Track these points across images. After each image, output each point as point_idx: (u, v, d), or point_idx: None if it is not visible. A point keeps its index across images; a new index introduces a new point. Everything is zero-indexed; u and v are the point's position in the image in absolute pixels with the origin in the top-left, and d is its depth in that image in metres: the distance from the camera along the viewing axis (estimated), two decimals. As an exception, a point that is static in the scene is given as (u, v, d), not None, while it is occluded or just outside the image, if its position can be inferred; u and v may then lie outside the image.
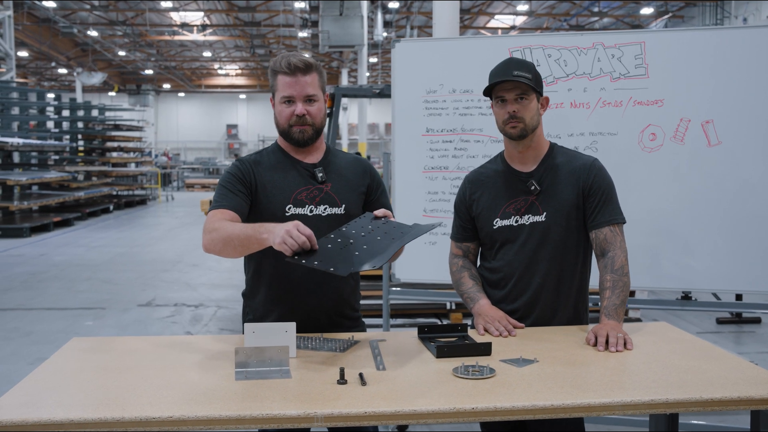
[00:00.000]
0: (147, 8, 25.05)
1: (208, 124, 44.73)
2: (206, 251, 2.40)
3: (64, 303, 7.93)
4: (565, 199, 2.58)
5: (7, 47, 19.14)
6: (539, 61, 3.82)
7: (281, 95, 2.47)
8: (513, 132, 2.55)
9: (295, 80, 2.45)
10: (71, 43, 29.67)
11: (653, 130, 3.72)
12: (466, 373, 2.00)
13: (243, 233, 2.28)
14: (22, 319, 7.23)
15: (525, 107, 2.53)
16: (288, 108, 2.47)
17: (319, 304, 2.52)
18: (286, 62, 2.44)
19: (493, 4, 26.36)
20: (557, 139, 3.80)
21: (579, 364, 2.11)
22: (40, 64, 33.94)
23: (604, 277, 2.50)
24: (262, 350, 2.06)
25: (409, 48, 4.09)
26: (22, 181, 13.83)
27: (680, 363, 2.12)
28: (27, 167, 16.62)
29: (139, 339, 2.46)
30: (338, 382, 1.94)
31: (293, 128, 2.49)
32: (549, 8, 26.29)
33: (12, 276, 9.53)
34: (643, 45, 3.70)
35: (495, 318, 2.51)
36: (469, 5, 25.92)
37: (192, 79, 41.52)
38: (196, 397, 1.83)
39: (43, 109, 18.07)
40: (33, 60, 32.73)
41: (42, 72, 36.33)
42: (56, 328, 6.84)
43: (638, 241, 3.75)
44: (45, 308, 7.69)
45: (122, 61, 34.17)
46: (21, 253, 11.55)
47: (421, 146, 4.04)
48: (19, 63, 32.89)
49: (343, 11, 21.11)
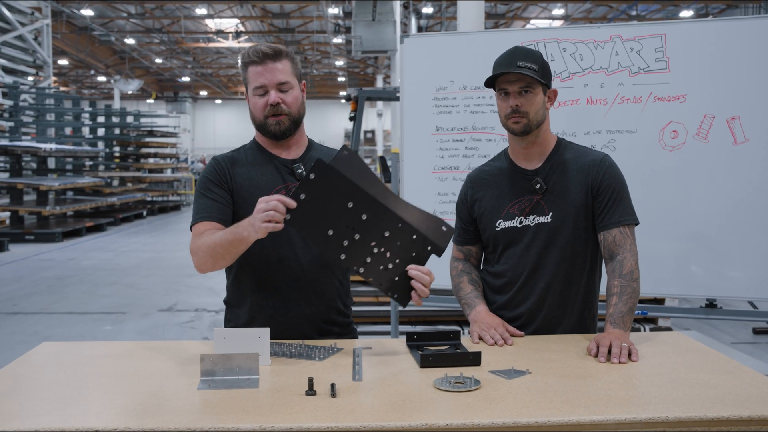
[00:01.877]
0: (182, 15, 25.25)
1: (245, 131, 44.67)
2: (201, 272, 2.30)
3: (86, 307, 7.90)
4: (573, 199, 2.39)
5: (45, 55, 19.47)
6: (554, 55, 3.63)
7: (253, 86, 2.33)
8: (516, 127, 2.37)
9: (265, 68, 2.31)
10: (109, 51, 30.08)
11: (675, 128, 3.51)
12: (447, 385, 1.83)
13: (223, 240, 2.16)
14: (43, 322, 7.21)
15: (529, 101, 2.35)
16: (261, 99, 2.33)
17: (302, 311, 2.37)
18: (254, 51, 2.31)
19: (529, 8, 26.04)
20: (573, 137, 3.61)
21: (575, 377, 1.92)
22: (80, 72, 34.47)
23: (611, 283, 2.31)
24: (229, 357, 1.92)
25: (419, 44, 3.94)
26: (54, 187, 13.94)
27: (688, 376, 1.92)
28: (62, 173, 16.80)
29: (115, 344, 2.33)
30: (307, 393, 1.78)
31: (268, 119, 2.33)
32: (585, 12, 25.87)
33: (39, 280, 9.56)
34: (663, 37, 3.49)
35: (491, 325, 2.33)
36: (504, 10, 25.66)
37: (228, 86, 41.79)
38: (149, 407, 1.69)
39: (78, 115, 18.26)
40: (73, 68, 33.25)
41: (82, 80, 36.91)
42: (74, 333, 6.80)
43: (662, 245, 3.55)
44: (66, 312, 7.66)
45: (159, 68, 34.53)
46: (51, 257, 11.62)
47: (431, 146, 3.88)
48: (60, 71, 33.52)
49: (376, 16, 20.98)
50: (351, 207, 1.98)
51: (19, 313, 7.57)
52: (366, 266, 2.06)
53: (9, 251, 12.15)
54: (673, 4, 24.16)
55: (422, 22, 24.99)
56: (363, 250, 2.05)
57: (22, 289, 8.93)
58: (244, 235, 2.09)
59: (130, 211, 18.30)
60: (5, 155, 14.08)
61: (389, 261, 2.08)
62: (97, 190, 17.64)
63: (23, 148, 13.48)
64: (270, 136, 2.37)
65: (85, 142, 18.57)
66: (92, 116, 19.66)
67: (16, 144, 13.58)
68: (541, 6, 25.54)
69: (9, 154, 13.90)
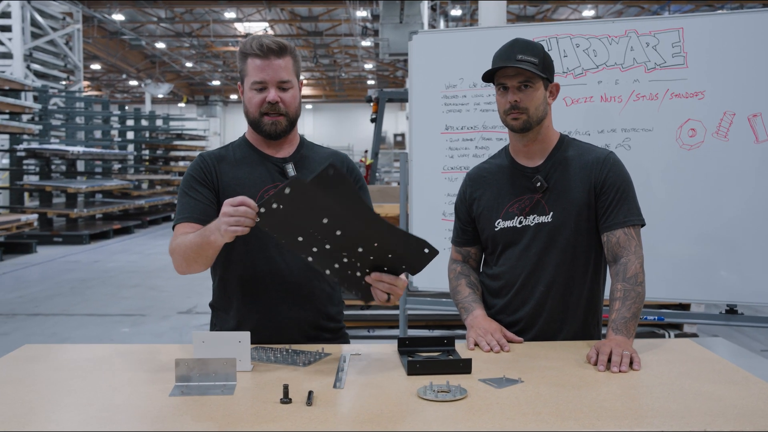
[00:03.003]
0: (211, 19, 25.39)
1: (275, 134, 45.01)
2: (181, 274, 2.22)
3: (107, 309, 7.90)
4: (575, 197, 2.27)
5: (76, 59, 19.69)
6: (566, 51, 3.51)
7: (252, 80, 2.22)
8: (515, 124, 2.26)
9: (268, 63, 2.20)
10: (141, 55, 30.36)
11: (693, 125, 3.36)
12: (431, 394, 1.73)
13: (193, 244, 2.08)
14: (63, 324, 7.22)
15: (529, 96, 2.23)
16: (259, 95, 2.23)
17: (290, 316, 2.28)
18: (258, 43, 2.20)
19: (559, 10, 25.78)
20: (586, 136, 3.48)
21: (570, 387, 1.80)
22: (112, 76, 34.83)
23: (614, 287, 2.18)
24: (205, 362, 1.83)
25: (428, 40, 3.83)
26: (82, 189, 14.05)
27: (692, 387, 1.80)
28: (91, 176, 16.95)
29: (98, 347, 2.26)
30: (281, 401, 1.69)
31: (264, 118, 2.24)
32: (616, 14, 25.52)
33: (62, 282, 9.60)
34: (681, 32, 3.35)
35: (488, 330, 2.21)
36: (534, 11, 25.43)
37: (259, 90, 41.98)
38: (113, 415, 1.61)
39: (107, 119, 18.42)
40: (105, 72, 33.61)
41: (114, 84, 37.32)
42: (93, 335, 6.79)
43: (679, 248, 3.41)
44: (87, 314, 7.67)
45: (190, 72, 34.77)
46: (77, 259, 11.69)
47: (440, 145, 3.77)
48: (93, 75, 33.93)
49: (403, 19, 20.90)
50: (326, 223, 1.89)
51: (40, 315, 7.60)
52: (333, 270, 1.98)
53: (37, 253, 12.25)
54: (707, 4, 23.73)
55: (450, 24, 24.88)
56: (333, 258, 1.96)
57: (46, 290, 8.97)
58: (211, 239, 2.01)
59: (158, 213, 18.40)
60: (34, 158, 14.23)
61: (358, 270, 1.99)
62: (125, 193, 17.78)
63: (52, 151, 13.60)
64: (264, 135, 2.28)
65: (113, 145, 18.72)
66: (121, 120, 19.84)
67: (44, 147, 13.71)
68: (571, 7, 25.28)
69: (38, 157, 14.04)
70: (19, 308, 7.91)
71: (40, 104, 14.73)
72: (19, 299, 8.44)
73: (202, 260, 2.12)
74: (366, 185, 2.44)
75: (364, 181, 2.44)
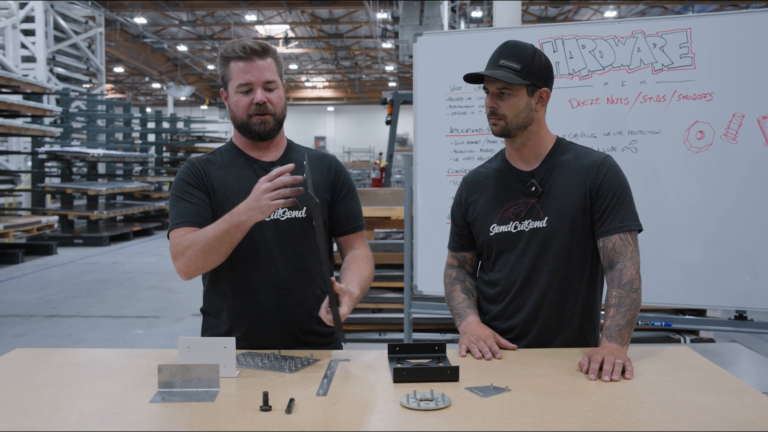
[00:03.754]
0: (233, 22, 25.53)
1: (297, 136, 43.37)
2: (187, 276, 2.20)
3: (122, 311, 7.95)
4: (570, 202, 2.23)
5: (98, 62, 19.90)
6: (572, 52, 3.46)
7: (237, 83, 2.20)
8: (494, 129, 2.24)
9: (252, 65, 2.19)
10: (163, 58, 30.61)
11: (701, 128, 3.30)
12: (414, 402, 1.69)
13: (220, 232, 2.07)
14: (78, 326, 7.27)
15: (507, 103, 2.20)
16: (246, 97, 2.21)
17: (282, 321, 2.26)
18: (240, 46, 2.19)
19: (581, 11, 25.60)
20: (592, 138, 3.43)
21: (557, 396, 1.76)
22: (136, 79, 35.16)
23: (609, 293, 2.14)
24: (188, 368, 1.82)
25: (432, 42, 3.80)
26: (102, 191, 14.17)
27: (683, 397, 1.75)
28: (112, 178, 17.10)
29: (90, 351, 2.25)
30: (261, 409, 1.67)
31: (252, 119, 2.22)
32: (639, 14, 25.27)
33: (80, 283, 9.68)
34: (689, 32, 3.29)
35: (480, 337, 2.17)
36: (555, 13, 25.28)
37: (280, 93, 42.15)
38: (88, 420, 1.59)
39: (128, 121, 18.58)
40: (129, 75, 33.93)
41: (137, 87, 37.67)
42: (106, 336, 6.83)
43: (687, 252, 3.34)
44: (102, 316, 7.72)
45: (212, 74, 34.98)
46: (96, 261, 11.78)
47: (445, 147, 3.73)
48: (116, 78, 34.28)
49: (423, 20, 20.85)
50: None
51: (57, 316, 7.66)
52: None
53: (57, 255, 12.37)
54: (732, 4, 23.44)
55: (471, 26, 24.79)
56: None
57: (63, 292, 9.05)
58: (242, 220, 2.02)
59: (178, 215, 18.48)
60: (56, 160, 14.37)
61: None
62: (146, 195, 17.91)
63: (72, 154, 13.73)
64: (253, 136, 2.26)
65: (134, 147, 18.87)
66: (142, 122, 19.99)
67: (65, 150, 13.85)
68: (593, 8, 25.09)
69: (59, 160, 14.18)
70: (36, 309, 7.98)
71: (62, 107, 14.88)
72: (37, 300, 8.52)
73: (225, 249, 2.10)
74: (355, 189, 2.42)
75: (352, 184, 2.42)
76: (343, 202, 2.36)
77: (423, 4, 20.46)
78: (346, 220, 2.39)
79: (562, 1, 23.95)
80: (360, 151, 40.05)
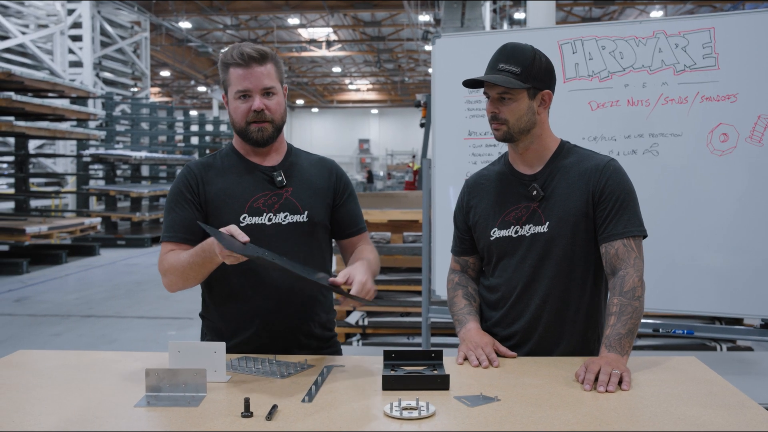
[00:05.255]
0: (276, 26, 25.75)
1: (341, 139, 45.37)
2: (172, 291, 2.26)
3: (157, 312, 8.06)
4: (572, 207, 2.17)
5: (143, 67, 20.25)
6: (592, 54, 3.39)
7: (235, 89, 2.20)
8: (496, 134, 2.19)
9: (250, 71, 2.18)
10: (208, 61, 30.99)
11: (725, 130, 3.20)
12: (397, 411, 1.66)
13: (193, 264, 2.11)
14: (113, 326, 7.38)
15: (508, 108, 2.15)
16: (244, 103, 2.21)
17: (284, 326, 2.26)
18: (238, 52, 2.18)
19: (626, 11, 25.21)
20: (612, 141, 3.36)
21: (546, 407, 1.71)
22: (182, 83, 35.70)
23: (611, 301, 2.07)
24: (175, 373, 1.81)
25: (451, 44, 3.76)
26: (144, 193, 14.42)
27: (678, 411, 1.68)
28: (155, 180, 17.38)
29: (88, 353, 2.27)
30: (242, 415, 1.65)
31: (251, 126, 2.22)
32: (686, 14, 24.82)
33: (119, 284, 9.85)
34: (712, 32, 3.20)
35: (479, 344, 2.13)
36: (599, 13, 24.94)
37: (324, 95, 42.37)
38: (67, 424, 1.60)
39: (171, 124, 18.88)
40: (175, 79, 34.47)
41: (184, 90, 38.22)
42: (140, 337, 6.92)
43: (710, 259, 3.25)
44: (137, 317, 7.83)
45: (257, 78, 35.31)
46: (136, 262, 11.98)
47: (463, 151, 3.69)
48: (163, 82, 34.84)
49: (465, 23, 20.74)
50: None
51: (93, 316, 7.80)
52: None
53: (100, 256, 12.62)
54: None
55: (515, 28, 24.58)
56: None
57: (102, 293, 9.22)
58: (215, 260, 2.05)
59: (221, 217, 18.69)
60: (100, 163, 14.66)
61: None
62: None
63: (115, 156, 14.00)
64: (251, 143, 2.26)
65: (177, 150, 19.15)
66: (186, 125, 20.28)
67: (109, 152, 14.13)
68: (639, 8, 24.69)
69: (103, 162, 14.47)
70: (74, 309, 8.13)
71: (106, 111, 15.18)
72: (76, 301, 8.69)
73: (201, 277, 2.16)
74: (354, 192, 2.41)
75: (352, 188, 2.43)
76: (346, 205, 2.37)
77: (464, 5, 20.33)
78: (349, 223, 2.38)
79: (607, 1, 23.60)
80: (403, 154, 40.07)
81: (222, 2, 22.20)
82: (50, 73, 15.95)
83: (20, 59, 15.97)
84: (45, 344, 6.56)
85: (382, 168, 40.27)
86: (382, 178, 32.23)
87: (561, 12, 24.96)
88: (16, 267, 10.56)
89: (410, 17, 23.78)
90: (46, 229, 10.89)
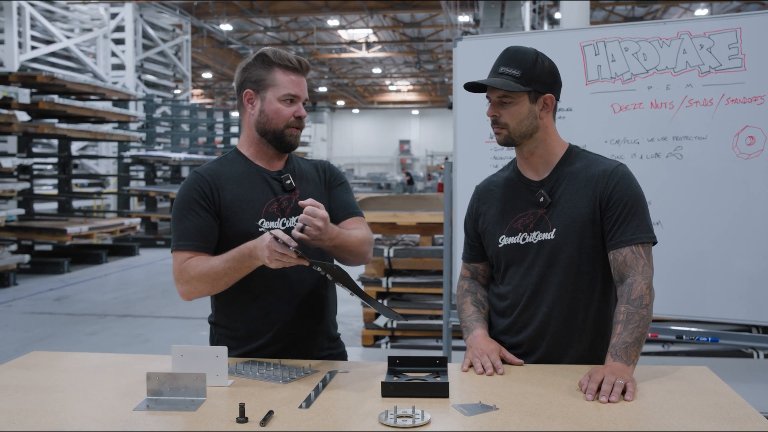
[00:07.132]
0: (316, 27, 25.90)
1: (382, 140, 45.46)
2: (188, 300, 2.24)
3: (191, 312, 8.15)
4: (579, 213, 2.13)
5: (184, 69, 20.53)
6: (614, 56, 3.33)
7: (284, 92, 2.21)
8: (497, 138, 2.18)
9: (301, 79, 2.24)
10: (249, 64, 31.31)
11: (751, 133, 3.12)
12: (391, 419, 1.65)
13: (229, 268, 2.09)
14: (147, 326, 7.49)
15: (509, 111, 2.13)
16: (289, 108, 2.22)
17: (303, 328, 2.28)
18: (289, 57, 2.21)
19: (669, 10, 24.79)
20: (635, 145, 3.30)
21: (544, 417, 1.69)
22: (224, 84, 36.09)
23: (618, 309, 2.03)
24: (175, 377, 1.83)
25: (472, 46, 3.74)
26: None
27: (680, 423, 1.64)
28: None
29: (97, 355, 2.30)
30: (237, 420, 1.66)
31: (289, 130, 2.24)
32: (733, 11, 24.30)
33: (156, 284, 9.99)
34: (738, 32, 3.12)
35: (485, 352, 2.11)
36: (642, 12, 24.56)
37: (365, 96, 42.50)
38: (64, 425, 1.62)
39: (211, 125, 19.10)
40: (217, 81, 34.88)
41: (225, 92, 38.65)
42: (173, 337, 7.02)
43: (736, 265, 3.17)
44: (172, 317, 7.94)
45: (297, 80, 35.56)
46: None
47: (485, 154, 3.66)
48: (205, 84, 35.28)
49: (504, 23, 20.61)
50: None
51: (129, 316, 7.93)
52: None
53: (139, 256, 12.82)
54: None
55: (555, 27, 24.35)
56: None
57: (139, 292, 9.36)
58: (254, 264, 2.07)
59: (259, 218, 18.87)
60: (140, 164, 14.90)
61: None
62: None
63: (155, 158, 14.22)
64: (281, 146, 2.27)
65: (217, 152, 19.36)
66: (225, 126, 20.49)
67: (149, 154, 14.35)
68: (683, 7, 24.26)
69: (143, 163, 14.70)
70: (111, 309, 8.28)
71: (147, 113, 15.42)
72: (113, 300, 8.84)
73: (232, 282, 2.15)
74: (349, 185, 2.45)
75: (346, 180, 2.45)
76: (337, 193, 2.38)
77: (503, 6, 20.19)
78: (342, 207, 2.36)
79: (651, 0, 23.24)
80: (443, 155, 39.96)
81: (262, 4, 22.39)
82: (93, 76, 16.28)
83: (65, 63, 16.33)
84: (81, 343, 6.68)
85: (422, 169, 40.22)
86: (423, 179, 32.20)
87: (603, 11, 24.67)
88: (58, 266, 10.79)
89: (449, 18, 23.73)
90: (87, 229, 11.09)
